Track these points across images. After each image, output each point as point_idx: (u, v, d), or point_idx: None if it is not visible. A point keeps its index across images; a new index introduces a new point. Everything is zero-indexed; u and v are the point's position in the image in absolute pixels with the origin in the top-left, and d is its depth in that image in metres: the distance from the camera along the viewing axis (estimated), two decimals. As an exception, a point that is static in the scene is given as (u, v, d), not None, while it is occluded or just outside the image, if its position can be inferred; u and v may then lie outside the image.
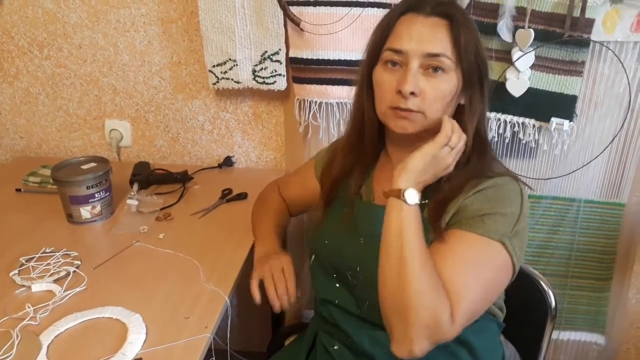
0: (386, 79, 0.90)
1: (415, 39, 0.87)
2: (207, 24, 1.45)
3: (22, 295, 1.05)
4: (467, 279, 0.81)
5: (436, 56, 0.87)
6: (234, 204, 1.44)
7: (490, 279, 0.84)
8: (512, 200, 0.88)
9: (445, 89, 0.88)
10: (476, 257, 0.83)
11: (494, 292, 0.87)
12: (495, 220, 0.84)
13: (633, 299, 1.58)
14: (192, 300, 1.03)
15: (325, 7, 1.36)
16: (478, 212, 0.85)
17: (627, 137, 1.42)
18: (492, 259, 0.84)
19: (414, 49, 0.87)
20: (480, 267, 0.83)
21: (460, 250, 0.83)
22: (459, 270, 0.81)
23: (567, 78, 1.32)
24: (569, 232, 1.53)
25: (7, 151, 1.79)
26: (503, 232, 0.84)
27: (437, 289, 0.78)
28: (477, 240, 0.84)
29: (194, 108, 1.65)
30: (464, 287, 0.80)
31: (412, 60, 0.87)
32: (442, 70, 0.88)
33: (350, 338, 0.97)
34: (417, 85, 0.87)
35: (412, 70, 0.87)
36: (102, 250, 1.20)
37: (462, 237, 0.84)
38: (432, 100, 0.88)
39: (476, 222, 0.84)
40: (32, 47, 1.63)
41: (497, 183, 0.89)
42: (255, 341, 1.88)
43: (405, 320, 0.77)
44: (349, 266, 0.96)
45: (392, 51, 0.89)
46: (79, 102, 1.69)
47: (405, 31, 0.89)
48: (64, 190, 1.29)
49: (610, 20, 1.28)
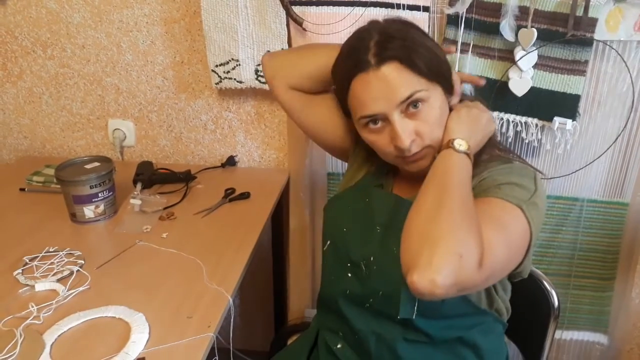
0: (376, 139, 0.90)
1: (381, 97, 0.85)
2: (210, 23, 1.45)
3: (25, 294, 1.05)
4: (492, 233, 0.77)
5: (409, 98, 0.85)
6: (236, 203, 1.44)
7: (512, 237, 0.81)
8: (527, 178, 0.88)
9: (434, 113, 0.88)
10: (498, 215, 0.81)
11: (514, 253, 0.83)
12: (512, 189, 0.84)
13: (636, 299, 1.58)
14: (195, 299, 1.03)
15: (328, 7, 1.36)
16: (494, 182, 0.86)
17: (630, 136, 1.42)
18: (512, 219, 0.81)
19: (385, 106, 0.86)
20: (502, 224, 0.80)
21: (482, 211, 0.79)
22: (486, 223, 0.77)
23: (570, 77, 1.32)
24: (572, 231, 1.53)
25: (11, 151, 1.80)
26: (520, 198, 0.82)
27: (474, 228, 0.74)
28: (498, 202, 0.82)
29: (196, 108, 1.65)
30: (489, 239, 0.75)
31: (392, 116, 0.86)
32: (421, 101, 0.87)
33: (356, 335, 0.97)
34: (411, 133, 0.87)
35: (397, 123, 0.86)
36: (105, 250, 1.21)
37: (481, 202, 0.82)
38: (431, 132, 0.88)
39: (494, 190, 0.84)
40: (35, 47, 1.64)
41: (512, 166, 0.92)
42: (258, 340, 1.88)
43: (436, 247, 0.71)
44: (364, 256, 0.95)
45: (366, 117, 0.88)
46: (83, 101, 1.69)
47: (366, 96, 0.87)
48: (67, 189, 1.29)
49: (613, 19, 1.28)
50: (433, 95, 0.88)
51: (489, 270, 0.74)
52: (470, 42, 1.35)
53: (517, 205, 0.81)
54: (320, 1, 1.36)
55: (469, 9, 1.31)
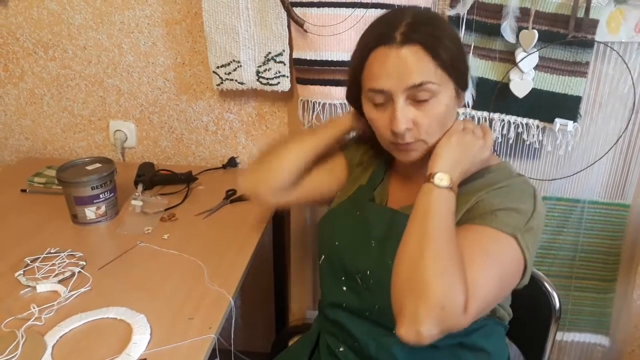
0: (376, 117, 0.90)
1: (394, 75, 0.85)
2: (211, 25, 1.45)
3: (27, 295, 1.06)
4: (481, 270, 0.78)
5: (420, 86, 0.84)
6: (238, 204, 1.44)
7: (502, 271, 0.81)
8: (525, 199, 0.87)
9: (439, 111, 0.87)
10: (489, 249, 0.81)
11: (506, 286, 0.84)
12: (508, 215, 0.84)
13: (638, 300, 1.58)
14: (196, 300, 1.03)
15: (329, 8, 1.36)
16: (491, 207, 0.85)
17: (631, 137, 1.42)
18: (504, 252, 0.82)
19: (394, 85, 0.85)
20: (493, 259, 0.81)
21: (475, 242, 0.81)
22: (472, 260, 0.78)
23: (571, 79, 1.32)
24: (573, 233, 1.53)
25: (13, 152, 1.80)
26: (515, 226, 0.83)
27: (457, 273, 0.75)
28: (491, 233, 0.82)
29: (198, 109, 1.65)
30: (477, 277, 0.77)
31: (397, 97, 0.85)
32: (430, 94, 0.86)
33: (357, 342, 0.97)
34: (409, 120, 0.86)
35: (399, 107, 0.85)
36: (106, 251, 1.21)
37: (474, 230, 0.83)
38: (428, 127, 0.87)
39: (489, 216, 0.84)
40: (37, 48, 1.64)
41: (510, 184, 0.89)
42: (259, 341, 1.88)
43: (419, 298, 0.73)
44: (359, 269, 0.95)
45: (373, 92, 0.88)
46: (84, 103, 1.69)
47: (380, 69, 0.86)
48: (68, 190, 1.29)
49: (614, 20, 1.28)
50: (444, 91, 0.87)
51: (475, 312, 0.76)
52: (472, 44, 1.35)
53: (511, 235, 0.82)
54: (321, 2, 1.36)
55: (470, 10, 1.31)
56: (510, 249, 0.82)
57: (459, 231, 0.83)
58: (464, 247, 0.80)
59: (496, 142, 1.45)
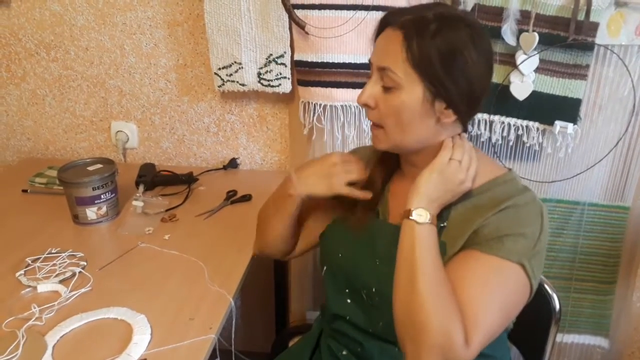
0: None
1: (377, 51, 0.87)
2: (213, 26, 1.45)
3: (28, 295, 1.06)
4: (485, 303, 0.79)
5: (383, 70, 0.85)
6: (238, 205, 1.44)
7: (508, 302, 0.82)
8: (533, 220, 0.86)
9: (396, 105, 0.85)
10: (494, 280, 0.81)
11: (511, 314, 0.85)
12: (515, 242, 0.83)
13: (637, 303, 1.58)
14: (196, 301, 1.03)
15: (330, 11, 1.36)
16: (498, 233, 0.84)
17: (631, 140, 1.42)
18: (510, 282, 0.82)
19: (374, 60, 0.88)
20: (498, 290, 0.81)
21: (479, 272, 0.82)
22: (476, 293, 0.80)
23: (571, 81, 1.32)
24: (573, 235, 1.53)
25: (14, 152, 1.80)
26: (522, 254, 0.82)
27: (450, 311, 0.77)
28: (496, 262, 0.82)
29: (199, 110, 1.66)
30: (481, 310, 0.79)
31: (372, 72, 0.88)
32: (392, 84, 0.84)
33: (360, 347, 0.97)
34: (371, 96, 0.87)
35: (370, 82, 0.88)
36: (107, 251, 1.21)
37: (480, 258, 0.83)
38: (385, 115, 0.87)
39: (495, 243, 0.83)
40: (39, 49, 1.64)
41: (516, 203, 0.86)
42: (259, 342, 1.88)
43: (417, 340, 0.76)
44: (365, 285, 0.94)
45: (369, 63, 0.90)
46: (86, 103, 1.70)
47: (376, 44, 0.89)
48: (70, 191, 1.30)
49: (614, 23, 1.28)
50: (407, 88, 0.83)
51: (479, 344, 0.77)
52: (472, 46, 1.35)
53: (517, 263, 0.82)
54: (322, 5, 1.36)
55: (471, 12, 1.31)
56: (516, 277, 0.83)
57: (464, 257, 0.84)
58: (468, 277, 0.81)
59: (497, 144, 1.45)
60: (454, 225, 0.88)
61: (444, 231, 0.88)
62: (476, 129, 1.43)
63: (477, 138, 1.46)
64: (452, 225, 0.88)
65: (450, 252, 0.86)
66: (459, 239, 0.86)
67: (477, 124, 1.42)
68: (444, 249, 0.86)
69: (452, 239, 0.87)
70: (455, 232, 0.87)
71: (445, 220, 0.89)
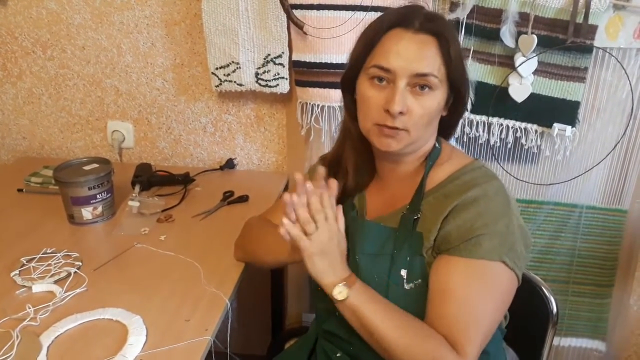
0: (372, 95, 0.89)
1: (404, 57, 0.85)
2: (211, 26, 1.45)
3: (22, 295, 1.05)
4: (475, 312, 0.82)
5: (424, 76, 0.85)
6: (235, 206, 1.43)
7: (497, 300, 0.85)
8: (504, 211, 0.87)
9: (432, 106, 0.88)
10: (479, 284, 0.83)
11: (503, 309, 0.87)
12: (491, 239, 0.84)
13: (634, 306, 1.58)
14: (192, 302, 1.03)
15: (329, 11, 1.36)
16: (473, 233, 0.84)
17: (629, 143, 1.42)
18: (495, 281, 0.84)
19: (402, 67, 0.85)
20: (485, 293, 0.83)
21: (463, 282, 0.83)
22: (464, 306, 0.82)
23: (569, 84, 1.33)
24: (571, 238, 1.53)
25: (10, 151, 1.79)
26: (501, 250, 0.84)
27: (424, 338, 0.81)
28: (478, 265, 0.84)
29: (196, 110, 1.65)
30: (472, 321, 0.81)
31: (400, 79, 0.86)
32: (430, 88, 0.87)
33: (351, 346, 0.97)
34: (405, 105, 0.86)
35: (400, 89, 0.85)
36: (103, 252, 1.20)
37: (461, 264, 0.84)
38: (419, 118, 0.87)
39: (473, 246, 0.84)
40: (35, 48, 1.63)
41: (486, 193, 0.87)
42: (255, 344, 1.87)
43: None
44: None
45: (379, 68, 0.87)
46: (82, 103, 1.69)
47: (393, 48, 0.86)
48: (65, 191, 1.29)
49: (613, 26, 1.28)
50: (440, 91, 0.88)
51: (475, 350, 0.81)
52: (471, 48, 1.35)
53: (499, 261, 0.84)
54: (321, 5, 1.36)
55: (470, 14, 1.31)
56: (500, 274, 0.85)
57: (446, 267, 0.85)
58: (454, 290, 0.83)
59: (495, 146, 1.45)
60: (427, 215, 0.90)
61: (418, 222, 0.90)
62: (474, 130, 1.43)
63: (476, 140, 1.46)
64: (425, 216, 0.90)
65: (426, 242, 0.88)
66: (433, 228, 0.88)
67: (475, 126, 1.42)
68: (421, 239, 0.88)
69: (426, 230, 0.89)
70: (428, 222, 0.89)
71: (418, 212, 0.91)
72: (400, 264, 0.89)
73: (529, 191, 1.52)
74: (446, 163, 0.94)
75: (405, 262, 0.89)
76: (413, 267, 0.89)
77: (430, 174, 0.94)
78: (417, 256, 0.89)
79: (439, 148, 0.96)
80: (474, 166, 0.93)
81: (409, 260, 0.89)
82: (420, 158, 0.96)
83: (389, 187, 0.99)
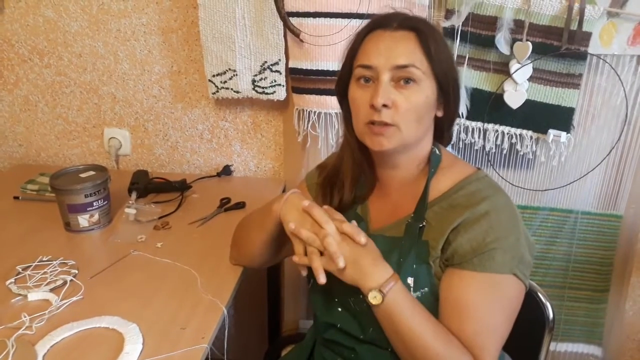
0: (359, 95, 0.91)
1: (384, 53, 0.88)
2: (207, 33, 1.45)
3: (18, 304, 1.04)
4: (491, 327, 0.85)
5: (405, 67, 0.88)
6: (232, 213, 1.43)
7: (509, 311, 0.87)
8: (514, 224, 0.89)
9: (418, 99, 0.89)
10: (494, 298, 0.86)
11: (514, 319, 0.89)
12: (504, 253, 0.86)
13: (630, 311, 1.58)
14: (189, 310, 1.02)
15: (325, 19, 1.37)
16: (486, 247, 0.86)
17: (624, 149, 1.43)
18: (508, 293, 0.87)
19: (383, 63, 0.88)
20: (499, 307, 0.86)
21: (479, 297, 0.85)
22: (481, 321, 0.84)
23: (564, 90, 1.33)
24: (566, 243, 1.53)
25: (6, 159, 1.79)
26: (513, 263, 0.86)
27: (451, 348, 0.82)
28: (492, 279, 0.86)
29: (193, 117, 1.65)
30: (490, 336, 0.84)
31: (382, 74, 0.88)
32: (413, 81, 0.88)
33: (353, 354, 0.97)
34: (388, 98, 0.88)
35: (383, 83, 0.88)
36: (99, 259, 1.20)
37: (475, 280, 0.86)
38: (405, 112, 0.88)
39: (487, 260, 0.85)
40: (32, 55, 1.64)
41: (496, 206, 0.89)
42: (252, 351, 1.87)
43: None
44: (351, 293, 0.93)
45: (362, 67, 0.90)
46: (79, 110, 1.69)
47: (373, 47, 0.90)
48: (62, 198, 1.29)
49: (607, 33, 1.29)
50: (426, 82, 0.89)
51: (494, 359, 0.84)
52: (466, 55, 1.36)
53: (510, 274, 0.86)
54: (317, 13, 1.37)
55: (465, 22, 1.32)
56: (512, 287, 0.87)
57: (459, 281, 0.86)
58: (469, 306, 0.85)
59: (490, 152, 1.46)
60: (433, 224, 0.91)
61: (424, 230, 0.91)
62: (470, 137, 1.43)
63: (471, 146, 1.46)
64: (430, 225, 0.91)
65: (433, 252, 0.89)
66: (440, 237, 0.89)
67: (470, 132, 1.43)
68: (427, 247, 0.89)
69: (433, 239, 0.90)
70: (435, 231, 0.90)
71: (423, 220, 0.92)
72: (406, 272, 0.89)
73: (524, 197, 1.52)
74: (448, 172, 0.95)
75: (412, 270, 0.89)
76: (419, 275, 0.89)
77: (432, 182, 0.94)
78: (424, 264, 0.89)
79: (439, 155, 0.97)
80: (478, 176, 0.94)
81: (415, 268, 0.89)
82: (420, 164, 0.97)
83: (391, 196, 1.00)
